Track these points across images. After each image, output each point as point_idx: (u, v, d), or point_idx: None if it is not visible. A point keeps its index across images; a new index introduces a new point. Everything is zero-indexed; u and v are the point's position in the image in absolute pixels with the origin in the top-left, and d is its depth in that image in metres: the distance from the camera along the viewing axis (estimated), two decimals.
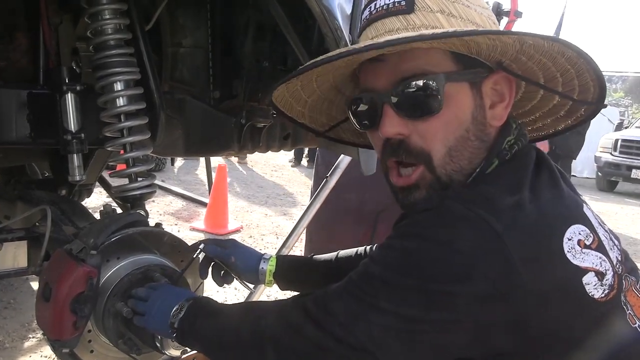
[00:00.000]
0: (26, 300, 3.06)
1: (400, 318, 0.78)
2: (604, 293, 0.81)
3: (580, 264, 0.79)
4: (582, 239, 0.81)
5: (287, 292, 1.36)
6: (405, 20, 0.84)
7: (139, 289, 1.18)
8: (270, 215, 5.88)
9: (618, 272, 0.85)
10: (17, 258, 1.50)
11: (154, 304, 1.10)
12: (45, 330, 1.19)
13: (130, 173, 1.43)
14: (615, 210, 8.65)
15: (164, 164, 7.95)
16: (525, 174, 0.84)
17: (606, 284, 0.81)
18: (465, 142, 0.87)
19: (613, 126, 12.82)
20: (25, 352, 2.56)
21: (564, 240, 0.78)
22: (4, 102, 1.45)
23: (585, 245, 0.81)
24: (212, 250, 1.34)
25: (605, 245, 0.85)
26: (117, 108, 1.39)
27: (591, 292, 0.79)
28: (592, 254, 0.81)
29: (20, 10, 1.57)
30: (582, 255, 0.80)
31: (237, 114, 1.86)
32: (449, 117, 0.86)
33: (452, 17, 0.83)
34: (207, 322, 1.00)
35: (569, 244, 0.79)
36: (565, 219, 0.81)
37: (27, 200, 1.77)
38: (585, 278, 0.79)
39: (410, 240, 0.80)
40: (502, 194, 0.79)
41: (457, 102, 0.86)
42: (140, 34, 1.47)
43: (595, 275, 0.80)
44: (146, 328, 1.11)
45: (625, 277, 0.88)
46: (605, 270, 0.82)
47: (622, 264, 0.89)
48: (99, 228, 1.25)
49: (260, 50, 1.92)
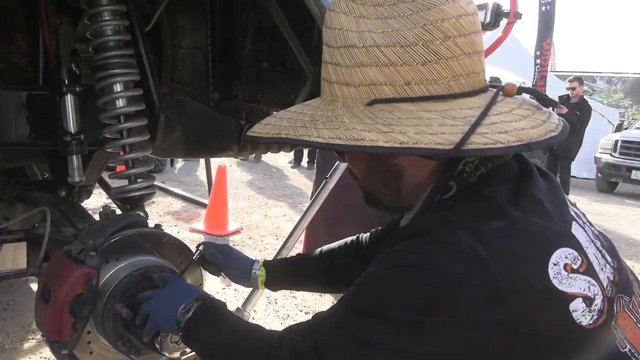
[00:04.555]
0: (26, 301, 3.06)
1: (387, 351, 0.77)
2: (592, 320, 0.79)
3: (567, 289, 0.77)
4: (569, 262, 0.79)
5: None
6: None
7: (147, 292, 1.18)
8: (270, 217, 5.88)
9: (608, 295, 0.83)
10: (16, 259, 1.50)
11: (162, 298, 1.11)
12: (45, 332, 1.19)
13: (130, 174, 1.43)
14: (615, 211, 8.64)
15: (163, 165, 7.95)
16: (505, 192, 0.83)
17: (595, 309, 0.80)
18: (371, 172, 0.93)
19: (613, 127, 12.83)
20: (24, 354, 2.56)
21: (550, 266, 0.76)
22: (3, 103, 1.45)
23: (572, 269, 0.79)
24: (211, 254, 1.35)
25: (595, 267, 0.83)
26: (116, 109, 1.39)
27: (579, 320, 0.78)
28: (580, 278, 0.79)
29: (20, 12, 1.57)
30: (568, 281, 0.77)
31: (236, 115, 1.86)
32: (351, 157, 0.96)
33: (337, 67, 0.83)
34: (209, 331, 0.99)
35: (555, 269, 0.77)
36: (550, 242, 0.79)
37: (27, 201, 1.77)
38: (572, 305, 0.77)
39: (395, 269, 0.80)
40: (486, 217, 0.78)
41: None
42: (140, 35, 1.47)
43: (583, 301, 0.78)
44: (152, 323, 1.09)
45: (618, 298, 0.85)
46: (594, 295, 0.80)
47: (614, 284, 0.86)
48: (98, 229, 1.25)
49: (260, 51, 1.93)
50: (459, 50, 0.78)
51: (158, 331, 1.11)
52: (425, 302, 0.75)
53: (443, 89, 0.79)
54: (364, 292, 0.82)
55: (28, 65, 1.60)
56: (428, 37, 0.77)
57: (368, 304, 0.80)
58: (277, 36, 1.80)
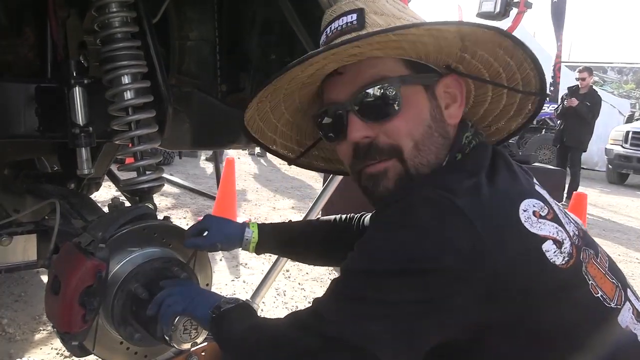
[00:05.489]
0: (36, 293, 3.08)
1: (386, 304, 0.81)
2: (564, 260, 0.84)
3: (538, 232, 0.83)
4: (537, 210, 0.86)
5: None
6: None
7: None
8: (279, 209, 5.89)
9: (576, 243, 0.89)
10: (26, 251, 1.51)
11: (198, 289, 1.17)
12: (55, 323, 1.20)
13: (139, 166, 1.43)
14: (626, 203, 8.58)
15: (172, 157, 7.98)
16: (482, 162, 0.91)
17: (565, 252, 0.85)
18: (429, 137, 0.94)
19: (624, 118, 12.72)
20: (35, 345, 2.58)
21: (520, 212, 0.84)
22: (12, 96, 1.45)
23: (540, 215, 0.86)
24: (192, 244, 1.31)
25: (560, 219, 0.90)
26: (124, 101, 1.39)
27: (552, 259, 0.83)
28: (548, 223, 0.86)
29: (28, 4, 1.57)
30: (538, 225, 0.84)
31: (244, 107, 1.85)
32: (410, 116, 0.93)
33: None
34: (240, 326, 0.98)
35: (525, 214, 0.84)
36: (518, 194, 0.87)
37: (36, 193, 1.78)
38: (544, 245, 0.83)
39: (383, 231, 0.86)
40: (460, 178, 0.86)
41: (414, 102, 0.93)
42: (147, 26, 1.46)
43: (553, 243, 0.84)
44: (180, 303, 1.09)
45: (584, 249, 0.91)
46: (562, 239, 0.86)
47: (580, 238, 0.92)
48: (108, 221, 1.25)
49: (268, 43, 1.92)
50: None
51: (174, 320, 1.10)
52: (411, 253, 0.80)
53: None
54: (357, 255, 0.88)
55: (36, 57, 1.60)
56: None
57: (361, 265, 0.86)
58: (285, 27, 1.79)
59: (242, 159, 9.06)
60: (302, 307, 3.27)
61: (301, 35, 1.67)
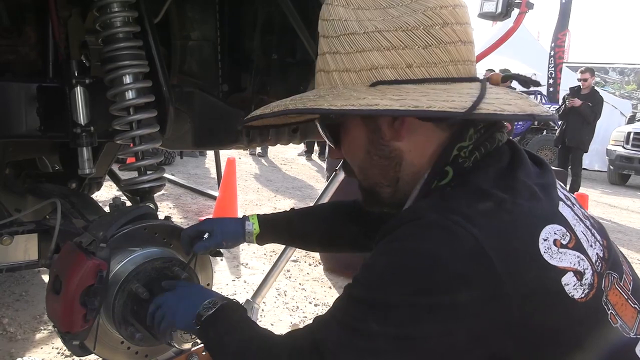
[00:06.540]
0: (38, 292, 3.09)
1: (390, 338, 0.77)
2: (583, 293, 0.80)
3: (558, 264, 0.78)
4: (558, 238, 0.80)
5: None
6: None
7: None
8: (280, 209, 5.88)
9: (598, 270, 0.84)
10: (28, 251, 1.51)
11: (184, 292, 1.12)
12: (56, 323, 1.20)
13: (140, 166, 1.44)
14: (627, 204, 8.57)
15: (173, 157, 7.98)
16: (494, 177, 0.84)
17: (586, 284, 0.81)
18: (369, 160, 0.94)
19: (625, 119, 12.69)
20: (36, 344, 2.58)
21: (540, 241, 0.78)
22: (14, 95, 1.45)
23: (561, 244, 0.80)
24: (203, 247, 1.31)
25: (583, 244, 0.84)
26: (126, 101, 1.39)
27: (571, 293, 0.79)
28: (570, 253, 0.81)
29: (29, 4, 1.57)
30: (559, 255, 0.79)
31: (245, 107, 1.86)
32: (349, 143, 0.96)
33: (336, 55, 0.87)
34: (225, 330, 0.98)
35: (545, 244, 0.78)
36: (539, 220, 0.81)
37: (38, 193, 1.78)
38: (564, 279, 0.78)
39: (390, 256, 0.81)
40: (475, 201, 0.80)
41: (352, 132, 0.95)
42: (149, 26, 1.46)
43: (574, 275, 0.79)
44: (169, 315, 1.08)
45: (607, 275, 0.86)
46: (584, 269, 0.81)
47: (603, 261, 0.87)
48: (109, 221, 1.25)
49: (269, 43, 1.92)
50: (456, 36, 0.84)
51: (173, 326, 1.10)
52: (420, 284, 0.76)
53: (442, 72, 0.84)
54: (362, 283, 0.83)
55: (38, 57, 1.60)
56: (428, 22, 0.82)
57: (366, 294, 0.80)
58: (287, 27, 1.79)
59: (243, 159, 9.06)
60: (303, 307, 3.27)
61: (302, 34, 1.67)
